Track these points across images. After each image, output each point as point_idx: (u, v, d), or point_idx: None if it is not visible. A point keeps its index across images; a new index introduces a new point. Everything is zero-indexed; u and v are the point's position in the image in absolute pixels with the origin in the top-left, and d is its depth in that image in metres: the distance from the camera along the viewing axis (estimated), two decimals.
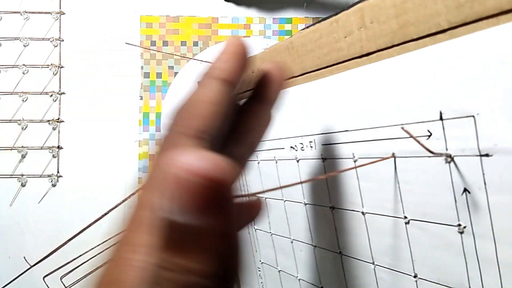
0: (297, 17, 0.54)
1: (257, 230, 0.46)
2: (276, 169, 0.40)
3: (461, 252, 0.24)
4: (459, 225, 0.23)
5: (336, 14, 0.29)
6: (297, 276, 0.40)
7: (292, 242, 0.40)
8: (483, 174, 0.22)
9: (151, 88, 0.53)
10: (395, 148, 0.27)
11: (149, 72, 0.53)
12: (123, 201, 0.53)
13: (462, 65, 0.23)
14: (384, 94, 0.27)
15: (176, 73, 0.53)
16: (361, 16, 0.27)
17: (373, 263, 0.31)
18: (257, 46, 0.54)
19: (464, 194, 0.23)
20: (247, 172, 0.44)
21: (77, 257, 0.52)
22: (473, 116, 0.22)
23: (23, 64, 0.52)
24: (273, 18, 0.54)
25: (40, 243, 0.52)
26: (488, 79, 0.22)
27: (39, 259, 0.52)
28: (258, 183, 0.43)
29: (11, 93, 0.52)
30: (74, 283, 0.52)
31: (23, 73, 0.53)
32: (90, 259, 0.52)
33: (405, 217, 0.27)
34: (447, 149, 0.24)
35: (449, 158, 0.23)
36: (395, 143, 0.27)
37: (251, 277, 0.49)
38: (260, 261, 0.46)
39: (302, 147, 0.36)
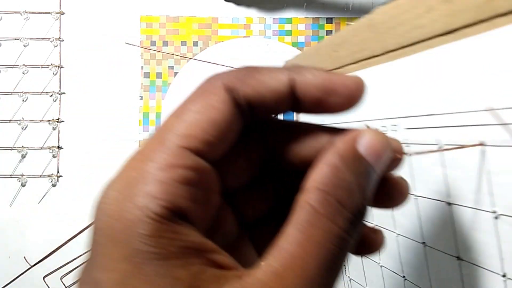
0: (297, 17, 0.54)
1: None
2: None
3: None
4: None
5: None
6: (379, 263, 0.39)
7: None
8: None
9: (151, 88, 0.53)
10: (485, 135, 0.25)
11: (149, 72, 0.53)
12: None
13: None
14: (471, 75, 0.25)
15: (176, 73, 0.53)
16: None
17: (458, 257, 0.29)
18: (257, 46, 0.54)
19: None
20: None
21: (77, 257, 0.52)
22: None
23: (23, 64, 0.52)
24: (273, 18, 0.54)
25: (40, 243, 0.52)
26: None
27: (39, 259, 0.52)
28: None
29: (11, 93, 0.52)
30: (74, 283, 0.52)
31: (23, 73, 0.53)
32: None
33: (494, 212, 0.25)
34: None
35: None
36: (485, 130, 0.25)
37: None
38: None
39: (385, 131, 0.34)
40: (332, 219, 0.14)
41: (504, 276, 0.25)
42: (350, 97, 0.17)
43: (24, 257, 0.52)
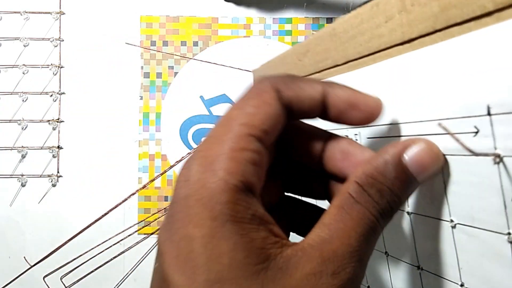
0: (297, 17, 0.54)
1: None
2: None
3: (511, 263, 0.22)
4: (509, 233, 0.21)
5: None
6: (385, 252, 0.39)
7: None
8: None
9: (151, 88, 0.53)
10: (440, 145, 0.25)
11: (149, 72, 0.53)
12: (123, 201, 0.53)
13: None
14: (427, 84, 0.25)
15: (176, 73, 0.53)
16: None
17: (418, 267, 0.29)
18: (257, 46, 0.54)
19: None
20: None
21: (77, 257, 0.52)
22: None
23: (23, 64, 0.52)
24: (273, 18, 0.54)
25: (40, 243, 0.52)
26: None
27: (39, 259, 0.52)
28: None
29: (11, 93, 0.52)
30: (74, 283, 0.52)
31: (23, 73, 0.53)
32: (90, 259, 0.52)
33: (452, 221, 0.25)
34: (495, 148, 0.21)
35: (498, 159, 0.21)
36: (439, 139, 0.24)
37: None
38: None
39: (357, 140, 0.34)
40: (366, 206, 0.17)
41: (462, 285, 0.25)
42: (369, 114, 0.20)
43: (24, 257, 0.52)
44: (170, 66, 0.53)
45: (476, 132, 0.22)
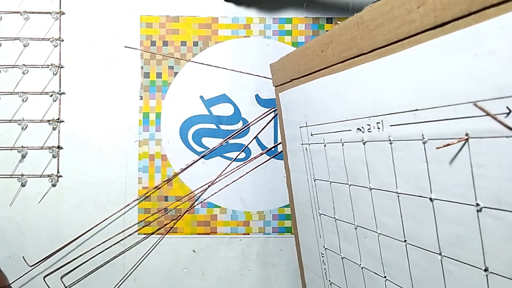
0: (297, 17, 0.54)
1: (321, 215, 0.45)
2: (342, 152, 0.39)
3: None
4: None
5: None
6: (360, 264, 0.39)
7: (356, 229, 0.38)
8: None
9: (151, 88, 0.53)
10: (469, 127, 0.25)
11: (149, 72, 0.53)
12: (126, 206, 0.53)
13: None
14: (458, 68, 0.25)
15: (176, 73, 0.53)
16: None
17: (440, 253, 0.29)
18: (257, 46, 0.54)
19: None
20: (313, 155, 0.45)
21: (77, 257, 0.52)
22: None
23: (23, 64, 0.52)
24: (273, 18, 0.54)
25: (40, 243, 0.52)
26: None
27: (39, 259, 0.52)
28: (324, 167, 0.43)
29: (11, 93, 0.52)
30: (74, 283, 0.52)
31: (23, 73, 0.53)
32: (90, 259, 0.52)
33: (478, 205, 0.25)
34: None
35: None
36: (469, 122, 0.25)
37: (315, 263, 0.49)
38: (324, 246, 0.46)
39: (369, 129, 0.34)
40: None
41: (486, 270, 0.25)
42: None
43: (23, 257, 0.52)
44: (170, 66, 0.53)
45: (509, 113, 0.22)
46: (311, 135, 0.44)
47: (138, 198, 0.53)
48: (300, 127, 0.47)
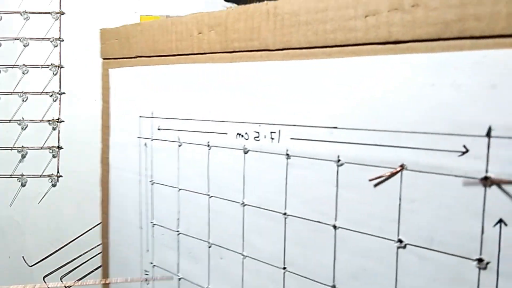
0: None
1: (155, 225, 0.39)
2: (207, 157, 0.34)
3: None
4: (481, 260, 0.21)
5: None
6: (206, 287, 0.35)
7: (210, 247, 0.34)
8: None
9: None
10: (406, 158, 0.23)
11: None
12: None
13: None
14: (407, 93, 0.23)
15: None
16: None
17: (333, 286, 0.27)
18: None
19: (497, 225, 0.21)
20: (156, 153, 0.38)
21: (77, 257, 0.52)
22: None
23: (23, 64, 0.52)
24: None
25: (40, 243, 0.52)
26: None
27: (39, 259, 0.52)
28: (172, 170, 0.37)
29: (11, 93, 0.52)
30: (74, 283, 0.53)
31: (23, 73, 0.53)
32: (90, 259, 0.52)
33: (400, 241, 0.24)
34: (487, 171, 0.21)
35: (489, 182, 0.20)
36: (408, 152, 0.23)
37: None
38: (152, 263, 0.40)
39: (257, 137, 0.30)
40: None
41: None
42: None
43: (23, 256, 0.52)
44: None
45: (464, 152, 0.21)
46: (158, 129, 0.38)
47: None
48: (140, 116, 0.39)
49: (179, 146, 0.36)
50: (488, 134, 0.21)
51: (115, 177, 0.43)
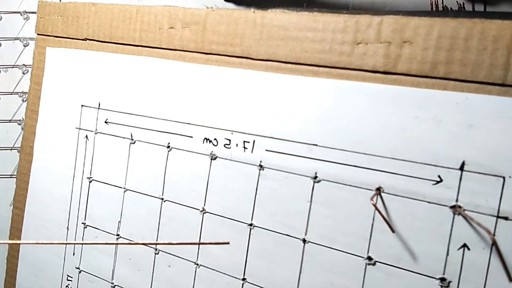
0: None
1: (87, 227, 0.37)
2: (165, 159, 0.33)
3: None
4: (443, 279, 0.23)
5: (356, 11, 0.26)
6: None
7: (157, 254, 0.33)
8: (494, 235, 0.22)
9: None
10: (379, 180, 0.25)
11: None
12: None
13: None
14: (390, 121, 0.25)
15: None
16: (393, 30, 0.25)
17: None
18: None
19: (461, 250, 0.23)
20: (98, 148, 0.36)
21: None
22: (504, 178, 0.22)
23: (23, 64, 0.53)
24: None
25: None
26: None
27: None
28: (120, 168, 0.35)
29: (11, 93, 0.53)
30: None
31: (23, 73, 0.53)
32: None
33: (370, 258, 0.26)
34: (457, 201, 0.23)
35: (459, 210, 0.23)
36: (385, 176, 0.25)
37: (48, 286, 0.39)
38: (78, 268, 0.37)
39: (228, 144, 0.30)
40: None
41: None
42: None
43: None
44: None
45: (438, 182, 0.23)
46: (105, 122, 0.36)
47: None
48: (82, 105, 0.37)
49: (132, 143, 0.34)
50: (462, 168, 0.22)
51: (39, 169, 0.39)
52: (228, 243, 0.29)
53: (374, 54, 0.26)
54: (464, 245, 0.23)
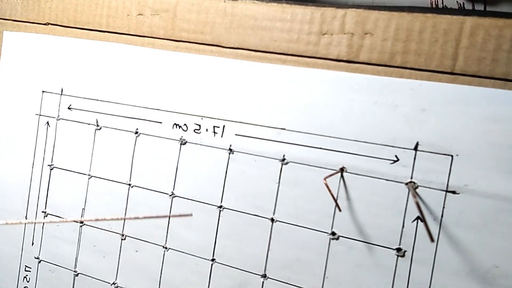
0: None
1: (48, 215, 0.36)
2: (133, 144, 0.33)
3: (391, 274, 0.26)
4: (399, 249, 0.25)
5: (322, 4, 0.28)
6: (114, 283, 0.34)
7: (124, 239, 0.33)
8: (443, 208, 0.24)
9: None
10: (342, 161, 0.27)
11: None
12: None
13: (462, 111, 0.24)
14: (353, 106, 0.27)
15: None
16: (356, 22, 0.27)
17: (264, 275, 0.29)
18: None
19: (415, 222, 0.25)
20: (60, 135, 0.35)
21: None
22: (452, 156, 0.24)
23: None
24: None
25: None
26: (473, 127, 0.24)
27: None
28: (84, 155, 0.35)
29: None
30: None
31: None
32: None
33: (333, 233, 0.28)
34: (411, 178, 0.25)
35: (414, 185, 0.25)
36: (347, 157, 0.27)
37: (4, 278, 0.37)
38: (37, 257, 0.36)
39: (198, 129, 0.31)
40: None
41: None
42: None
43: None
44: None
45: (395, 161, 0.25)
46: (68, 108, 0.35)
47: None
48: (43, 91, 0.36)
49: (98, 129, 0.34)
50: (416, 148, 0.25)
51: None
52: (191, 215, 0.30)
53: (338, 44, 0.27)
54: (418, 218, 0.25)
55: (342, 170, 0.27)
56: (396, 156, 0.26)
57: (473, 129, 0.24)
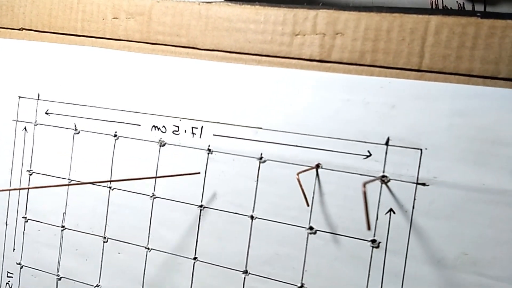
0: None
1: (29, 220, 0.36)
2: (112, 147, 0.33)
3: (367, 265, 0.27)
4: (374, 240, 0.26)
5: (294, 6, 0.28)
6: (97, 285, 0.34)
7: (106, 242, 0.34)
8: (414, 199, 0.26)
9: None
10: (318, 157, 0.28)
11: None
12: None
13: (429, 106, 0.25)
14: (325, 104, 0.28)
15: None
16: (327, 23, 0.28)
17: (245, 271, 0.30)
18: None
19: (388, 214, 0.26)
20: (38, 139, 0.35)
21: None
22: (421, 150, 0.26)
23: None
24: None
25: None
26: (440, 121, 0.25)
27: None
28: (64, 159, 0.35)
29: None
30: None
31: None
32: None
33: (311, 228, 0.28)
34: (384, 172, 0.26)
35: (386, 179, 0.26)
36: (323, 154, 0.28)
37: None
38: (19, 263, 0.36)
39: (177, 131, 0.31)
40: None
41: (301, 286, 0.28)
42: None
43: None
44: None
45: (368, 156, 0.26)
46: (46, 113, 0.35)
47: None
48: (19, 96, 0.36)
49: (76, 133, 0.34)
50: (387, 143, 0.26)
51: None
52: (199, 173, 0.30)
53: (311, 44, 0.28)
54: (391, 210, 0.26)
55: (318, 166, 0.28)
56: (368, 151, 0.27)
57: (440, 124, 0.25)
